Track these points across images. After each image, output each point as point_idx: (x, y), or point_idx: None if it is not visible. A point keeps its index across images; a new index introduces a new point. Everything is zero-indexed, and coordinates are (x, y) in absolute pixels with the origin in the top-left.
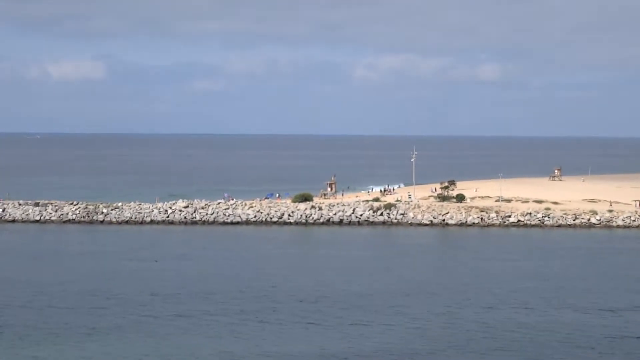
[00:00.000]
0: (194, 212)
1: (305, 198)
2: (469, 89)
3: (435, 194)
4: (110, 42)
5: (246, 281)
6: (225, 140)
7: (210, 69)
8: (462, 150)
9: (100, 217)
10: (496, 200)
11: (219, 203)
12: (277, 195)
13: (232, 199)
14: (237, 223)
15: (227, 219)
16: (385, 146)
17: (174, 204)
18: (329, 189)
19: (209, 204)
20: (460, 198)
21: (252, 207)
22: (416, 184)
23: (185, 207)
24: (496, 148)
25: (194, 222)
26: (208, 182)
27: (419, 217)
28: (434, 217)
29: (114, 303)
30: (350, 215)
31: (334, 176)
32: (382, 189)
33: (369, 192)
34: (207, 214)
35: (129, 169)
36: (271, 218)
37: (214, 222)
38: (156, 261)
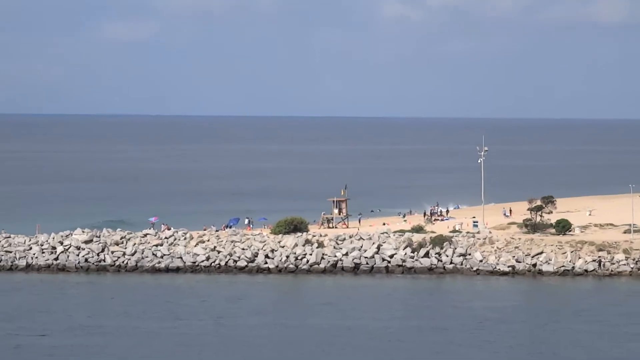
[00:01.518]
0: (102, 250)
1: (296, 227)
2: (576, 37)
3: (510, 216)
4: None
5: None
6: (161, 126)
7: (133, 3)
8: (561, 143)
9: None
10: (625, 232)
11: (145, 236)
12: (248, 221)
13: (168, 229)
14: (177, 270)
15: (159, 263)
16: (430, 136)
17: (66, 236)
18: (335, 211)
19: (127, 236)
20: (564, 227)
21: (202, 241)
22: (486, 203)
23: (87, 243)
24: (624, 139)
25: (101, 269)
26: (141, 199)
27: (493, 259)
28: (518, 260)
29: None
30: (372, 257)
31: (345, 189)
32: (429, 212)
33: (404, 216)
34: (124, 254)
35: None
36: (235, 261)
37: (136, 269)
38: None
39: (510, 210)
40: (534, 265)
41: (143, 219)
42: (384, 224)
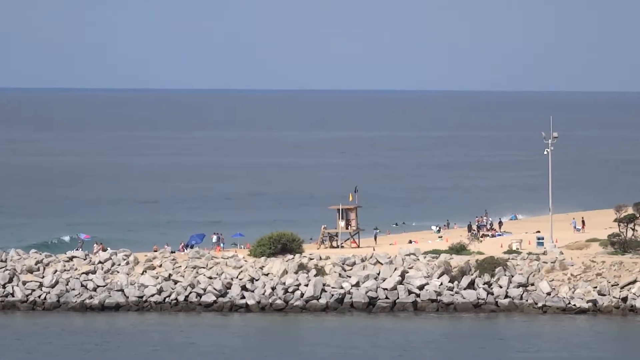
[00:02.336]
0: (10, 281)
1: (284, 246)
2: None
3: (582, 230)
4: None
5: None
6: (101, 103)
7: None
8: None
9: None
10: None
11: (70, 259)
12: (217, 238)
13: (104, 250)
14: (116, 308)
15: (90, 298)
16: (472, 117)
17: None
18: (341, 224)
19: (45, 260)
20: None
21: (152, 267)
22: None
23: None
24: None
25: (8, 306)
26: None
27: (566, 292)
28: (601, 293)
29: None
30: (395, 289)
31: (355, 193)
32: (475, 226)
33: (439, 230)
34: (41, 286)
35: None
36: (199, 295)
37: (59, 306)
38: None
39: (583, 222)
40: (624, 299)
41: (69, 236)
42: (410, 242)
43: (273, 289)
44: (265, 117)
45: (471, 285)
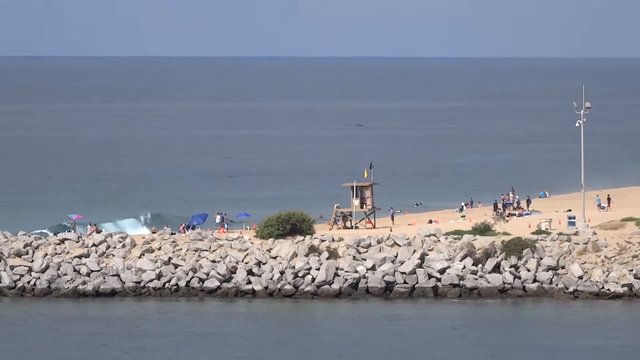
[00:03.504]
0: None
1: (294, 227)
2: None
3: (608, 209)
4: None
5: None
6: (93, 72)
7: None
8: None
9: None
10: None
11: (62, 242)
12: (220, 219)
13: (98, 231)
14: (112, 294)
15: (83, 283)
16: (496, 85)
17: None
18: (355, 203)
19: (34, 243)
20: None
21: (150, 250)
22: (586, 188)
23: None
24: None
25: None
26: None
27: (599, 275)
28: (637, 277)
29: None
30: (413, 273)
31: (371, 169)
32: (501, 204)
33: (461, 209)
34: (30, 270)
35: None
36: (202, 281)
37: (50, 292)
38: None
39: (609, 199)
40: None
41: (61, 217)
42: (430, 222)
43: (282, 273)
44: (268, 85)
45: (496, 268)
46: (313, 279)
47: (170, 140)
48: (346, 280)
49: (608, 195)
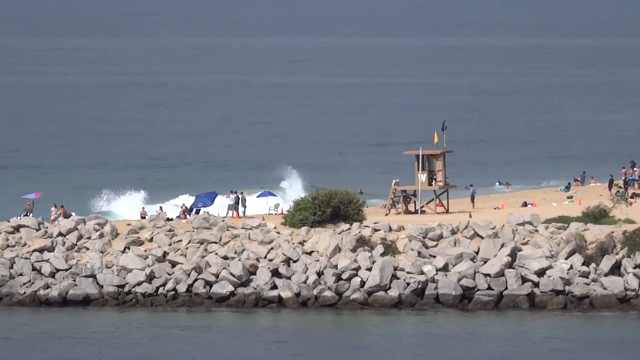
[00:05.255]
0: None
1: (336, 210)
2: None
3: None
4: None
5: None
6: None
7: None
8: None
9: None
10: None
11: (17, 230)
12: (236, 200)
13: (66, 216)
14: (85, 302)
15: (46, 288)
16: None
17: None
18: (421, 178)
19: None
20: None
21: (138, 242)
22: None
23: None
24: None
25: None
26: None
27: None
28: None
29: None
30: (501, 275)
31: (443, 130)
32: (622, 182)
33: (567, 188)
34: None
35: None
36: (209, 284)
37: (16, 304)
38: None
39: None
40: None
41: (15, 197)
42: (525, 205)
43: (319, 274)
44: (277, 17)
45: (616, 269)
46: (362, 283)
47: (147, 89)
48: (408, 284)
49: None
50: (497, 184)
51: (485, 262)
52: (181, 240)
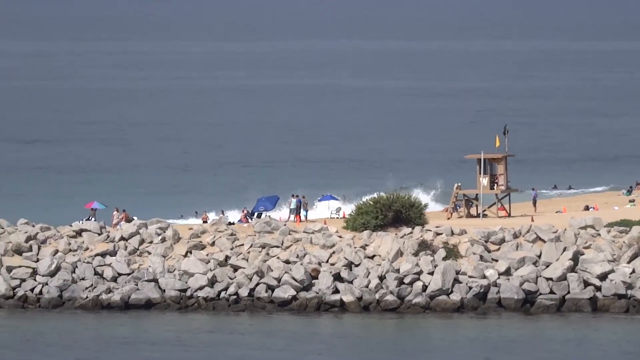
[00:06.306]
0: None
1: (398, 214)
2: None
3: None
4: None
5: None
6: None
7: None
8: None
9: None
10: None
11: (78, 234)
12: (297, 204)
13: (128, 220)
14: (148, 306)
15: (108, 292)
16: None
17: None
18: (482, 182)
19: (41, 235)
20: None
21: (200, 246)
22: None
23: None
24: None
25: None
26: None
27: None
28: None
29: None
30: (563, 279)
31: (505, 134)
32: None
33: (629, 191)
34: (34, 273)
35: None
36: (271, 288)
37: (62, 304)
38: None
39: None
40: None
41: (73, 208)
42: (587, 208)
43: (381, 278)
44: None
45: None
46: (424, 287)
47: (196, 93)
48: (470, 288)
49: None
50: (552, 188)
51: (547, 266)
52: (243, 245)
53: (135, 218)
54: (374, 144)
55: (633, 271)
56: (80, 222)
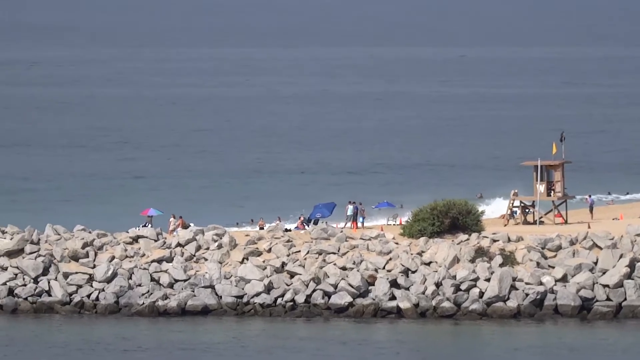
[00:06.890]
0: (45, 272)
1: (455, 221)
2: None
3: None
4: None
5: None
6: None
7: None
8: None
9: None
10: None
11: (135, 241)
12: (354, 211)
13: (184, 226)
14: (204, 312)
15: (165, 298)
16: None
17: None
18: (539, 189)
19: (97, 242)
20: None
21: (257, 252)
22: None
23: (12, 256)
24: None
25: (42, 308)
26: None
27: None
28: None
29: None
30: (619, 286)
31: (561, 141)
32: None
33: None
34: (91, 279)
35: None
36: (327, 295)
37: (118, 310)
38: None
39: None
40: None
41: (128, 215)
42: None
43: (438, 285)
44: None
45: None
46: (481, 294)
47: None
48: (527, 295)
49: None
50: (608, 194)
51: (604, 273)
52: (299, 251)
53: (192, 225)
54: (431, 150)
55: None
56: (137, 228)
